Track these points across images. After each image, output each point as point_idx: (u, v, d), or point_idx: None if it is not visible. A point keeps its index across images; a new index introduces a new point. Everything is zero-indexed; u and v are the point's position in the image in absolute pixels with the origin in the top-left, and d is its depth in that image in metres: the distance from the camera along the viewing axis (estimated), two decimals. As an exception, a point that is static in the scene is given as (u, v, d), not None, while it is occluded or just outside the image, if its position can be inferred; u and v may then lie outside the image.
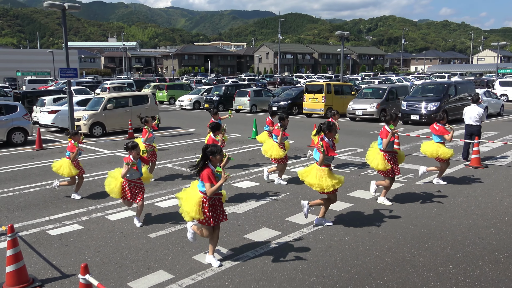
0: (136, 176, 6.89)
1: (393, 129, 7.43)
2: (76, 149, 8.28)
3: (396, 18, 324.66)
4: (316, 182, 6.43)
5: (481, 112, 11.25)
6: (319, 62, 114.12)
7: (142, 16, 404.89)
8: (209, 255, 5.47)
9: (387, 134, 7.45)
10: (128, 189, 6.84)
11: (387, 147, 7.50)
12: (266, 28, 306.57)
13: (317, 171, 6.49)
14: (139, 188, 6.91)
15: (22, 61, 67.57)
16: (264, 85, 45.99)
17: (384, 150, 7.51)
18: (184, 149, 13.89)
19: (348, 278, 5.08)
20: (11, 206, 8.06)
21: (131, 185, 6.85)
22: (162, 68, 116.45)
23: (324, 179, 6.40)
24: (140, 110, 17.85)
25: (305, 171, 6.74)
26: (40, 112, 18.78)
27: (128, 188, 6.83)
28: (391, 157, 7.60)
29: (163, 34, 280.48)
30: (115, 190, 6.87)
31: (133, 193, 6.86)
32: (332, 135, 6.56)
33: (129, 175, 6.79)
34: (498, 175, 9.93)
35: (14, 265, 4.80)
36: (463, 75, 64.80)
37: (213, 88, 30.02)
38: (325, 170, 6.47)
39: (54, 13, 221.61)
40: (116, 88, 32.75)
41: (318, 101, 22.45)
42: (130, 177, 6.82)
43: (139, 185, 6.92)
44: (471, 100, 11.67)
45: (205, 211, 5.23)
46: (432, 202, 7.91)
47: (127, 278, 5.14)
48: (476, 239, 6.18)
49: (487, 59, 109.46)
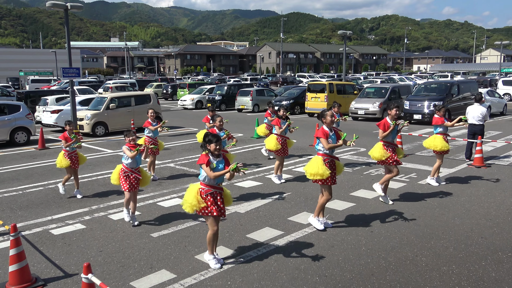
0: (134, 165, 6.90)
1: (395, 123, 7.46)
2: (72, 139, 8.32)
3: (398, 17, 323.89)
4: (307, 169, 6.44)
5: (484, 112, 11.21)
6: (321, 61, 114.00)
7: (144, 15, 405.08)
8: (209, 254, 5.44)
9: (385, 125, 7.49)
10: (124, 177, 6.84)
11: (387, 138, 7.52)
12: (268, 28, 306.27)
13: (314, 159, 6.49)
14: (135, 180, 6.90)
15: (25, 61, 67.77)
16: (266, 84, 46.00)
17: (384, 140, 7.55)
18: (187, 149, 13.90)
19: (350, 277, 5.07)
20: (14, 205, 8.08)
21: (127, 174, 6.85)
22: (164, 68, 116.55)
23: (316, 166, 6.30)
24: (143, 109, 17.88)
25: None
26: (43, 112, 18.83)
27: (124, 176, 6.84)
28: (390, 147, 7.59)
29: (166, 34, 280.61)
30: (114, 177, 7.06)
31: (131, 184, 6.85)
32: (328, 121, 6.37)
33: (131, 162, 6.84)
34: (501, 174, 9.89)
35: (17, 264, 4.82)
36: (466, 74, 64.60)
37: (215, 87, 30.02)
38: (319, 159, 6.37)
39: (56, 13, 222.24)
40: (119, 88, 32.81)
41: (321, 101, 22.44)
42: (129, 165, 6.86)
43: (135, 176, 6.91)
44: (474, 99, 11.63)
45: (206, 200, 5.20)
46: (435, 202, 7.89)
47: (129, 278, 5.14)
48: (479, 238, 6.16)
49: (490, 58, 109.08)
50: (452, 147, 13.21)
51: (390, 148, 7.56)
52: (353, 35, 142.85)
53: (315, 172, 6.28)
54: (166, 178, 9.97)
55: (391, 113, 7.56)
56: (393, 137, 7.64)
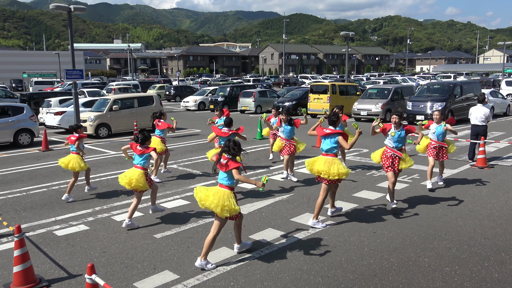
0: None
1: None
2: (80, 140, 8.46)
3: (401, 18, 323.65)
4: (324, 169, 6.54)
5: (487, 112, 11.19)
6: (324, 62, 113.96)
7: (147, 17, 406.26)
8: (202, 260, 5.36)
9: (385, 129, 7.52)
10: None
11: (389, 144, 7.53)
12: (271, 29, 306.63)
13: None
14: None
15: (28, 63, 68.02)
16: (269, 85, 46.01)
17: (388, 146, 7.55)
18: (190, 150, 13.93)
19: (353, 278, 5.08)
20: (18, 206, 8.12)
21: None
22: (167, 69, 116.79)
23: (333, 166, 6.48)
24: (146, 111, 17.95)
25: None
26: (46, 114, 18.91)
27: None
28: (390, 155, 7.48)
29: (168, 35, 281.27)
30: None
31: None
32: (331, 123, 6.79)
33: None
34: (504, 175, 9.87)
35: (21, 265, 4.85)
36: (469, 75, 64.40)
37: (218, 89, 30.06)
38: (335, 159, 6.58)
39: (60, 15, 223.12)
40: (122, 89, 32.90)
41: (323, 102, 22.44)
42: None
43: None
44: (477, 100, 11.62)
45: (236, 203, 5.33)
46: (438, 203, 7.88)
47: (133, 278, 5.17)
48: (482, 239, 6.16)
49: (493, 59, 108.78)
50: (456, 148, 13.19)
51: (389, 156, 7.45)
52: (356, 36, 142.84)
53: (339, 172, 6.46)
54: (169, 180, 9.99)
55: (392, 120, 7.53)
56: (396, 144, 7.42)
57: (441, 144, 8.85)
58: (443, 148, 8.86)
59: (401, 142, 7.46)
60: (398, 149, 7.46)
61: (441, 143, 8.84)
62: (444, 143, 8.86)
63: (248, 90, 27.43)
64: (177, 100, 37.10)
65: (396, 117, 7.47)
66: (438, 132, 8.83)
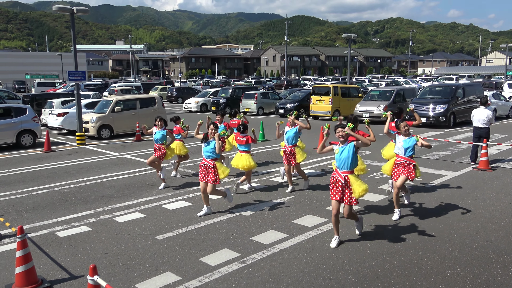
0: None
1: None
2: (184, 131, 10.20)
3: (403, 20, 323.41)
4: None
5: (490, 115, 11.18)
6: (326, 64, 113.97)
7: (149, 19, 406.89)
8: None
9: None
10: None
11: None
12: (273, 31, 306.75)
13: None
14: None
15: (31, 64, 68.31)
16: (271, 87, 46.04)
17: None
18: (191, 152, 13.92)
19: (355, 280, 5.07)
20: (20, 207, 8.14)
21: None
22: (169, 71, 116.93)
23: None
24: (148, 112, 17.97)
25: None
26: (49, 115, 18.95)
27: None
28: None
29: (170, 37, 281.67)
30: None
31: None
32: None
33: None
34: (507, 177, 9.85)
35: (23, 266, 4.85)
36: (471, 77, 64.33)
37: (220, 90, 30.09)
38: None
39: (62, 17, 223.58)
40: (124, 91, 32.97)
41: (325, 104, 22.42)
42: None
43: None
44: (479, 102, 11.60)
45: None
46: (440, 205, 7.87)
47: (134, 280, 5.17)
48: (484, 242, 6.14)
49: (495, 61, 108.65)
50: (458, 150, 13.19)
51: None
52: (358, 38, 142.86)
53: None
54: (171, 181, 10.00)
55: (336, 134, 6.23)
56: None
57: (410, 161, 7.10)
58: (411, 165, 7.09)
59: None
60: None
61: (409, 159, 7.09)
62: (412, 160, 7.10)
63: (250, 92, 27.44)
64: (179, 102, 37.15)
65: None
66: (406, 146, 7.11)
